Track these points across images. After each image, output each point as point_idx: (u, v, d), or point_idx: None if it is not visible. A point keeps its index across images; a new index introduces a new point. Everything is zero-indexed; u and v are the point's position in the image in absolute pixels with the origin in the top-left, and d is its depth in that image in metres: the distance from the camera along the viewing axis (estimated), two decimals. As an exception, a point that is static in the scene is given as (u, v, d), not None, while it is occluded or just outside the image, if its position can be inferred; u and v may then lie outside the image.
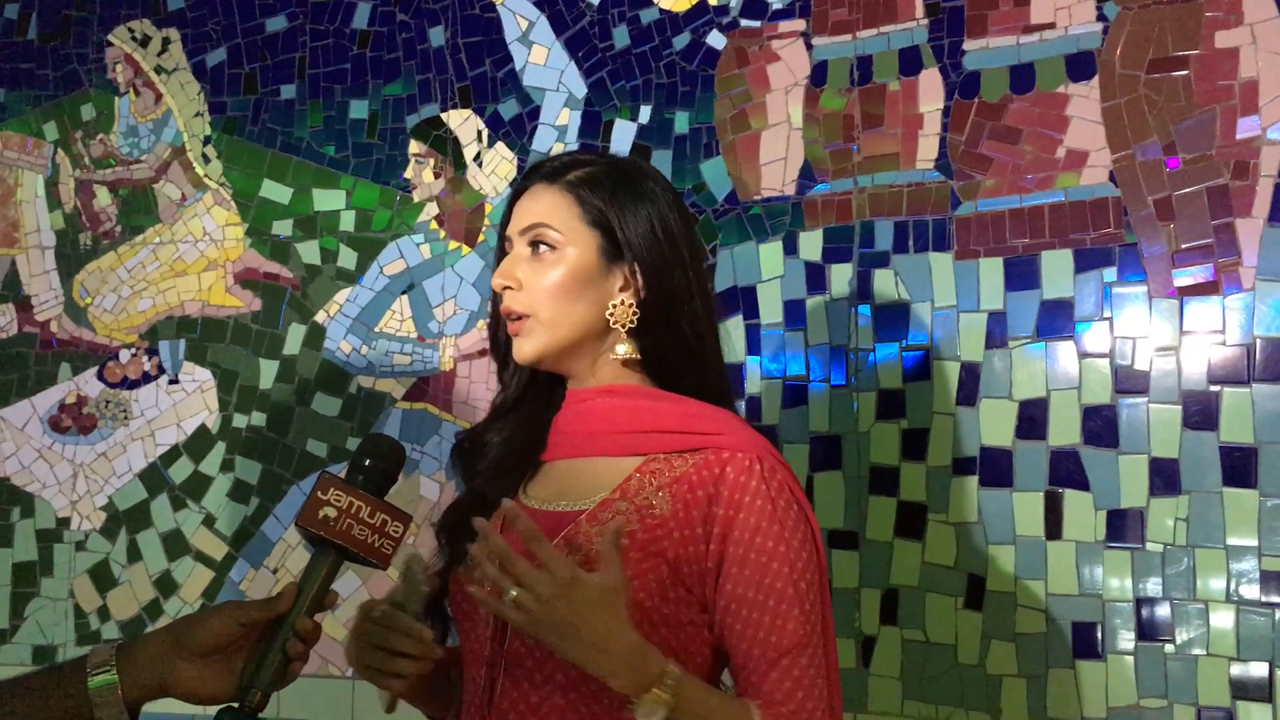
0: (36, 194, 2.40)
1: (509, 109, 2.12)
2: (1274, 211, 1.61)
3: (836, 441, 1.83)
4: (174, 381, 2.27)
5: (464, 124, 2.14)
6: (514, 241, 1.27)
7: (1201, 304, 1.65)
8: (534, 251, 1.24)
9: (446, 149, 2.15)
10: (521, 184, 1.30)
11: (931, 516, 1.76)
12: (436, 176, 2.16)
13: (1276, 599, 1.56)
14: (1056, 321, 1.72)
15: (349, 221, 2.20)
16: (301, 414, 2.18)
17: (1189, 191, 1.67)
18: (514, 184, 2.08)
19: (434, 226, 2.15)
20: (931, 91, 1.83)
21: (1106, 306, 1.70)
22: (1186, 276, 1.66)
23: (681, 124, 1.99)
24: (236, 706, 1.06)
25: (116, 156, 2.36)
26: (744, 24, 1.96)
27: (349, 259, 2.19)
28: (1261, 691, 1.56)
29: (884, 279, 1.83)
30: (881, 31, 1.88)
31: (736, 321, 1.91)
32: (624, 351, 1.24)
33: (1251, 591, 1.58)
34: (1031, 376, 1.72)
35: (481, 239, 2.12)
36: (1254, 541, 1.58)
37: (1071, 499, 1.68)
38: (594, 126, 2.05)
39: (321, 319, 2.19)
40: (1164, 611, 1.62)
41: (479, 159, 2.13)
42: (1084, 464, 1.68)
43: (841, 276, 1.86)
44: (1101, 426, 1.68)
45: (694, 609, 1.16)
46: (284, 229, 2.24)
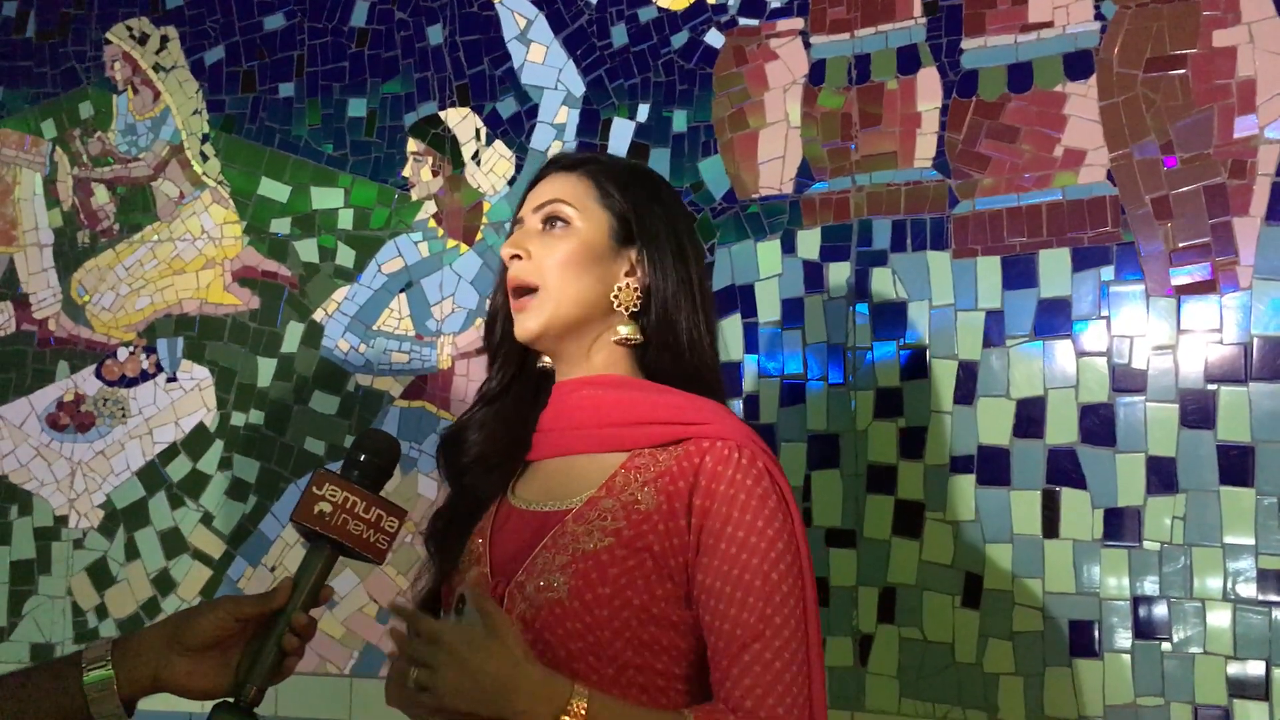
0: (34, 192, 2.40)
1: (507, 107, 2.12)
2: (1271, 210, 1.62)
3: (834, 440, 1.83)
4: (172, 379, 2.27)
5: (462, 122, 2.15)
6: (527, 219, 1.28)
7: (1199, 303, 1.65)
8: (547, 227, 1.25)
9: (445, 147, 2.15)
10: (538, 174, 1.32)
11: (929, 515, 1.76)
12: (435, 175, 2.16)
13: (1273, 597, 1.56)
14: (1054, 320, 1.72)
15: (347, 220, 2.20)
16: (299, 412, 2.18)
17: (1186, 190, 1.67)
18: (512, 182, 2.09)
19: (432, 225, 2.15)
20: (929, 90, 1.84)
21: (1104, 305, 1.70)
22: (1184, 275, 1.66)
23: (680, 122, 1.99)
24: (232, 701, 1.06)
25: (115, 154, 2.36)
26: (742, 22, 1.96)
27: (347, 257, 2.19)
28: (1258, 690, 1.56)
29: (882, 278, 1.83)
30: (879, 30, 1.88)
31: (734, 320, 1.91)
32: (626, 332, 1.24)
33: (1248, 590, 1.58)
34: (1029, 375, 1.72)
35: (480, 237, 2.12)
36: (1251, 540, 1.58)
37: (1069, 497, 1.68)
38: (592, 125, 2.05)
39: (320, 317, 2.19)
40: (1161, 610, 1.62)
41: (477, 157, 2.13)
42: (1081, 463, 1.68)
43: (839, 275, 1.86)
44: (1099, 425, 1.68)
45: (681, 606, 1.15)
46: (282, 227, 2.24)
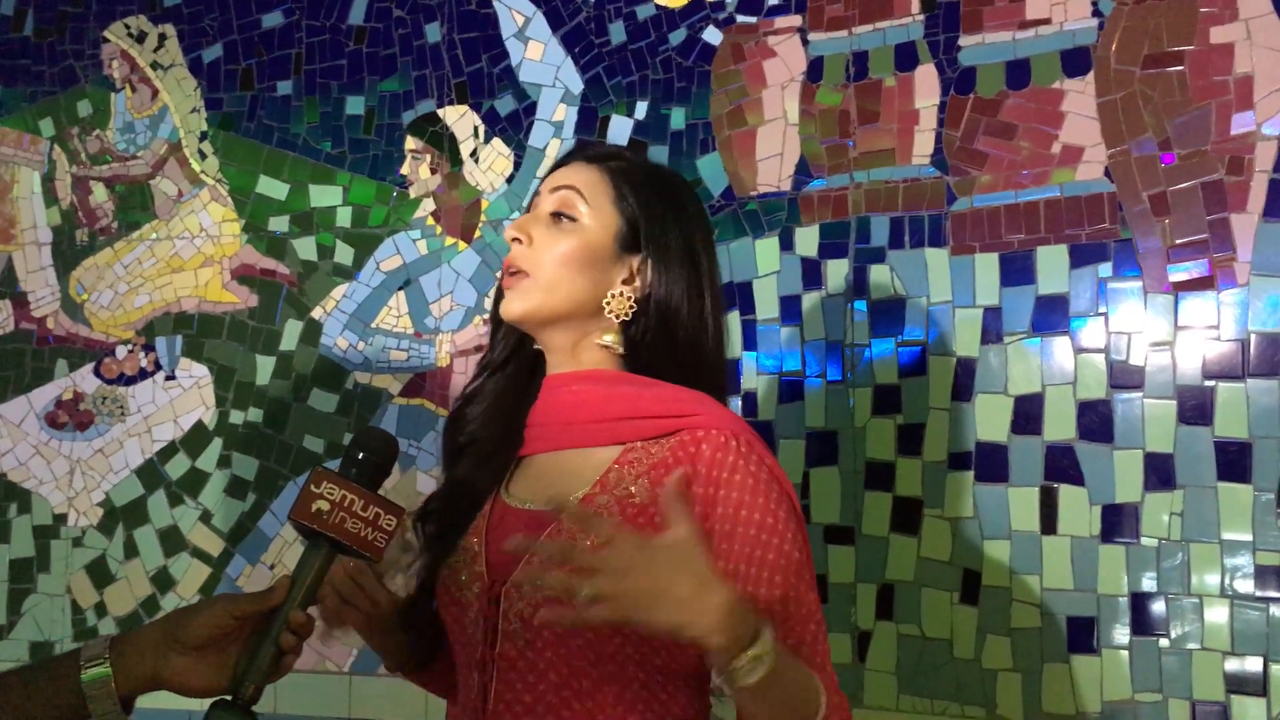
0: (33, 190, 2.40)
1: (505, 105, 2.12)
2: (1269, 207, 1.62)
3: (832, 437, 1.83)
4: (171, 378, 2.27)
5: (460, 120, 2.14)
6: (543, 198, 1.26)
7: (1196, 299, 1.65)
8: (554, 220, 1.24)
9: (443, 145, 2.15)
10: (565, 157, 1.31)
11: (927, 511, 1.76)
12: (433, 172, 2.16)
13: (1271, 593, 1.57)
14: (1052, 317, 1.72)
15: (345, 217, 2.20)
16: (298, 410, 2.18)
17: (1184, 187, 1.67)
18: (510, 179, 2.09)
19: (430, 222, 2.15)
20: (927, 87, 1.84)
21: (1102, 302, 1.70)
22: (1181, 272, 1.66)
23: (678, 120, 1.99)
24: (230, 699, 1.06)
25: (113, 152, 2.36)
26: (740, 20, 1.96)
27: (346, 255, 2.19)
28: (1256, 685, 1.56)
29: (880, 274, 1.83)
30: (877, 27, 1.88)
31: (733, 317, 1.91)
32: (609, 340, 1.23)
33: (1246, 586, 1.58)
34: (1027, 372, 1.73)
35: (478, 235, 2.12)
36: (1248, 536, 1.58)
37: (1067, 494, 1.68)
38: (590, 122, 2.05)
39: (318, 315, 2.19)
40: (1159, 606, 1.62)
41: (475, 155, 2.13)
42: (1079, 459, 1.68)
43: (837, 272, 1.86)
44: (1097, 422, 1.68)
45: None
46: (280, 225, 2.24)
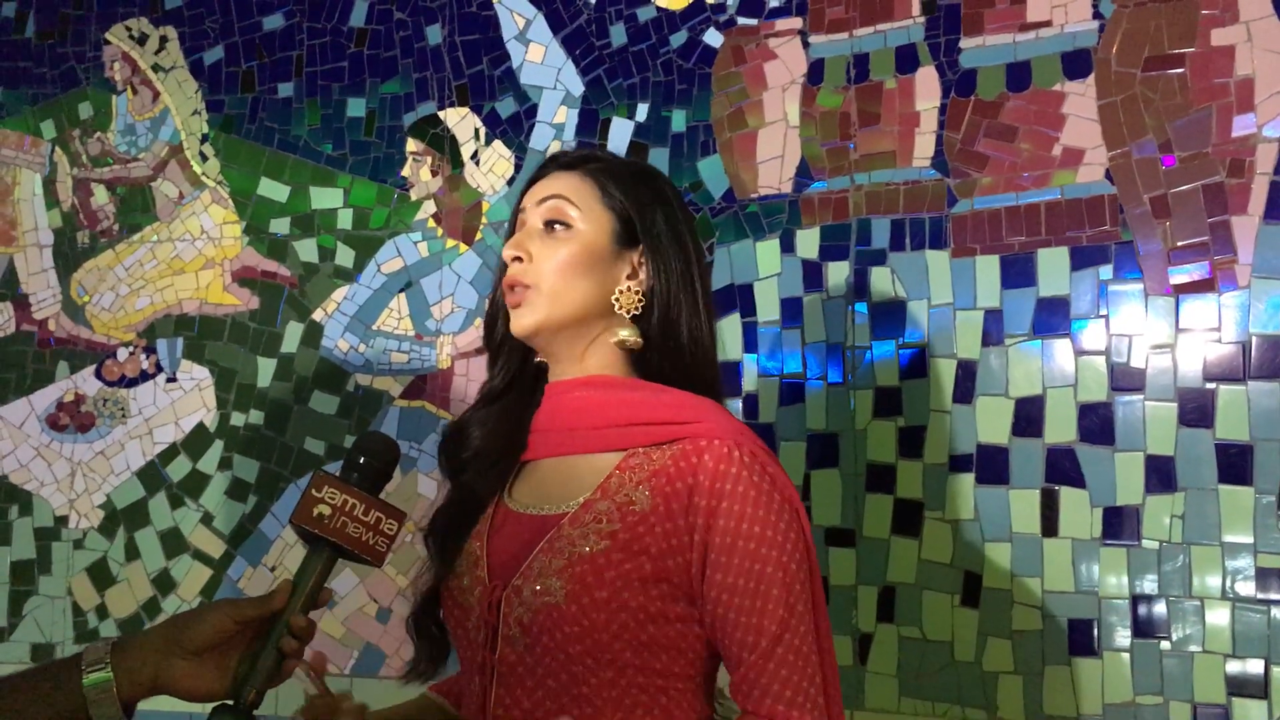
0: (34, 192, 2.40)
1: (506, 107, 2.12)
2: (1269, 209, 1.62)
3: (833, 439, 1.83)
4: (172, 380, 2.27)
5: (461, 122, 2.15)
6: (529, 213, 1.26)
7: (1197, 301, 1.65)
8: (548, 230, 1.24)
9: (444, 147, 2.15)
10: (539, 172, 1.30)
11: (928, 514, 1.76)
12: (434, 174, 2.16)
13: (1272, 596, 1.57)
14: (1053, 319, 1.72)
15: (346, 220, 2.20)
16: (299, 412, 2.18)
17: (1185, 189, 1.67)
18: (511, 181, 2.09)
19: (431, 224, 2.15)
20: (928, 89, 1.84)
21: (1102, 304, 1.70)
22: (1182, 274, 1.66)
23: (679, 122, 1.99)
24: (231, 704, 1.06)
25: (114, 155, 2.36)
26: (741, 22, 1.96)
27: (346, 257, 2.19)
28: (1257, 688, 1.56)
29: (880, 277, 1.83)
30: (878, 29, 1.88)
31: (733, 319, 1.91)
32: (625, 335, 1.23)
33: (1247, 588, 1.58)
34: (1028, 374, 1.73)
35: (479, 237, 2.12)
36: (1249, 539, 1.58)
37: (1067, 496, 1.68)
38: (591, 124, 2.05)
39: (319, 317, 2.19)
40: (1160, 609, 1.62)
41: (476, 157, 2.13)
42: (1080, 461, 1.68)
43: (838, 274, 1.86)
44: (1097, 424, 1.68)
45: (681, 603, 1.15)
46: (281, 227, 2.24)
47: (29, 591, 2.29)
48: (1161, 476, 1.64)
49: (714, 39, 1.98)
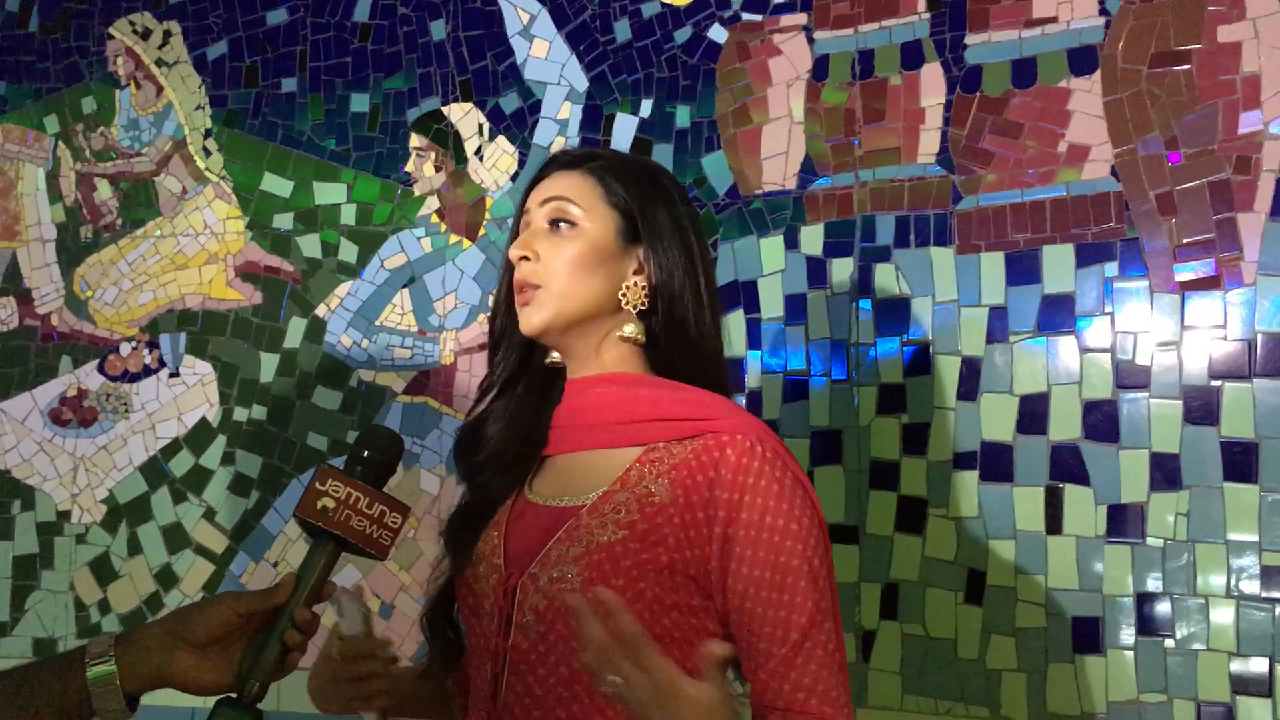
0: (37, 187, 2.40)
1: (510, 103, 2.12)
2: (1276, 206, 1.62)
3: (837, 436, 1.83)
4: (174, 375, 2.27)
5: (465, 118, 2.14)
6: (533, 214, 1.27)
7: (1203, 299, 1.65)
8: (553, 229, 1.25)
9: (447, 143, 2.15)
10: (541, 172, 1.31)
11: (932, 511, 1.76)
12: (437, 170, 2.15)
13: (1276, 594, 1.56)
14: (1057, 316, 1.72)
15: (350, 215, 2.20)
16: (302, 407, 2.18)
17: (1191, 186, 1.67)
18: (515, 177, 2.09)
19: (435, 220, 2.15)
20: (933, 86, 1.83)
21: (1108, 301, 1.70)
22: (1188, 271, 1.66)
23: (683, 118, 1.99)
24: (235, 697, 1.06)
25: (117, 149, 2.36)
26: (745, 18, 1.96)
27: (350, 252, 2.19)
28: (1261, 687, 1.56)
29: (885, 273, 1.83)
30: (883, 25, 1.88)
31: (737, 316, 1.91)
32: (631, 331, 1.24)
33: (1252, 587, 1.58)
34: (1032, 371, 1.72)
35: (482, 233, 2.12)
36: (1254, 537, 1.58)
37: (1072, 494, 1.68)
38: (595, 120, 2.05)
39: (322, 312, 2.19)
40: (1164, 606, 1.62)
41: (480, 153, 2.13)
42: (1084, 459, 1.68)
43: (842, 271, 1.86)
44: (1102, 421, 1.68)
45: (698, 595, 1.15)
46: (285, 222, 2.24)
47: (31, 586, 2.29)
48: (1166, 474, 1.64)
49: (718, 35, 1.98)
